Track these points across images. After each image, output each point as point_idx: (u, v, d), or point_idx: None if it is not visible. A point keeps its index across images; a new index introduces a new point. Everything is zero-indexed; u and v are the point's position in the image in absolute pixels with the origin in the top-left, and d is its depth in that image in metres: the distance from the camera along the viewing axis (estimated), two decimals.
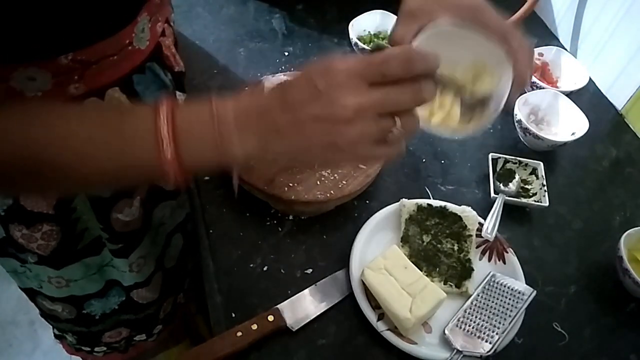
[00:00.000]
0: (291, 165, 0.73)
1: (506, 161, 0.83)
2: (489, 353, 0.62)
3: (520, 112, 0.86)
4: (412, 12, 0.56)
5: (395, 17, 0.97)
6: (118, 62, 0.57)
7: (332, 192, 0.73)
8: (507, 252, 0.73)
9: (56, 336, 1.01)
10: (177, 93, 0.70)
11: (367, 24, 0.99)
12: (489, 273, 0.70)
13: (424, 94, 0.43)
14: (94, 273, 0.79)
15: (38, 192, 0.60)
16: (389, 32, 1.00)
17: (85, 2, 0.49)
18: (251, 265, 0.70)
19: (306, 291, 0.67)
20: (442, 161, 0.85)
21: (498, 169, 0.82)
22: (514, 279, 0.69)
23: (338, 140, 0.42)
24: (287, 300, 0.66)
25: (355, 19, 0.97)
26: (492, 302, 0.67)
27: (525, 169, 0.83)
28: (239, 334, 0.61)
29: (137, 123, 0.44)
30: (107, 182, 0.50)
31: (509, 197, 0.78)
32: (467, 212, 0.74)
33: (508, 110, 0.57)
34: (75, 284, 0.78)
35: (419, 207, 0.74)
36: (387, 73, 0.42)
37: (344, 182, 0.74)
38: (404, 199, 0.75)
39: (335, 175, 0.75)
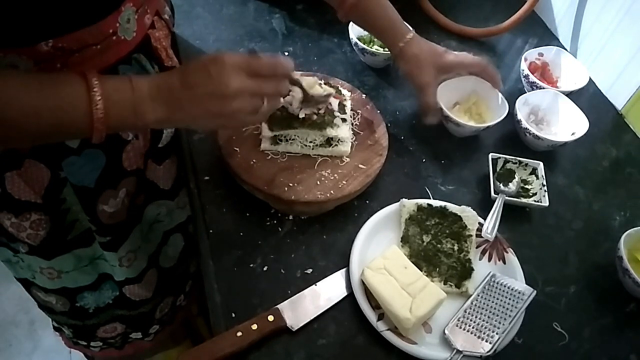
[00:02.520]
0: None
1: (506, 161, 0.83)
2: (489, 353, 0.62)
3: (520, 112, 0.86)
4: (410, 74, 0.83)
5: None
6: (102, 51, 0.58)
7: (332, 192, 0.73)
8: (507, 252, 0.73)
9: (55, 328, 1.02)
10: None
11: None
12: (489, 273, 0.70)
13: (280, 89, 0.62)
14: (85, 265, 0.79)
15: None
16: None
17: None
18: (251, 265, 0.70)
19: (306, 291, 0.67)
20: (442, 161, 0.85)
21: (498, 169, 0.82)
22: (514, 279, 0.69)
23: (223, 111, 0.57)
24: (287, 300, 0.66)
25: None
26: (492, 302, 0.67)
27: (525, 169, 0.83)
28: (239, 334, 0.61)
29: (72, 87, 0.52)
30: (43, 131, 0.54)
31: (509, 197, 0.78)
32: (467, 212, 0.74)
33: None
34: (67, 275, 0.79)
35: (419, 207, 0.74)
36: (259, 71, 0.58)
37: (344, 182, 0.74)
38: (404, 199, 0.75)
39: (335, 175, 0.75)
